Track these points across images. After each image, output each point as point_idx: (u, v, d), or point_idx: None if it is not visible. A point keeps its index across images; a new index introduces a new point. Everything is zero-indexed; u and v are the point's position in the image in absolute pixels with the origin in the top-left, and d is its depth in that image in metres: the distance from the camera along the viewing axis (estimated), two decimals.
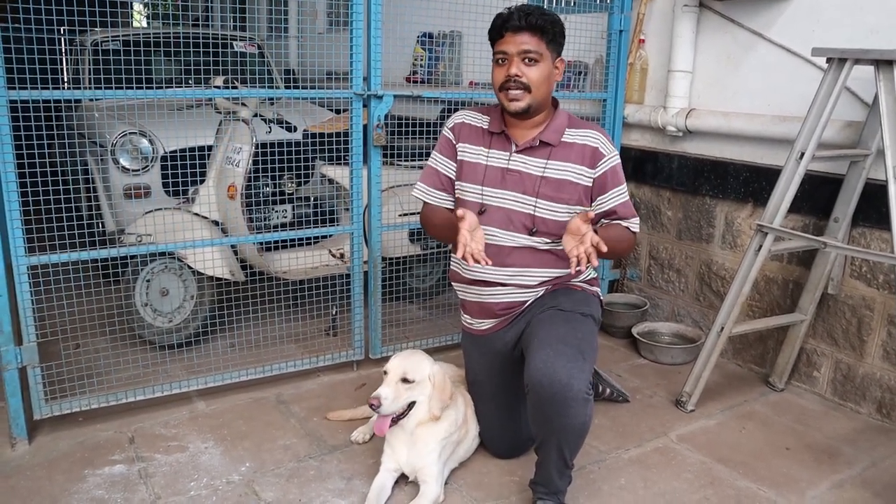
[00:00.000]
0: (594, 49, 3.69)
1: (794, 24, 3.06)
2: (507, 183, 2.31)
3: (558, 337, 2.15)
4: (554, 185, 2.29)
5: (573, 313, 2.28)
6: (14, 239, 2.44)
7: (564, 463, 2.16)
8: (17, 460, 2.50)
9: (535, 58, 2.20)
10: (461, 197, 2.39)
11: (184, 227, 3.08)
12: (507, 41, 2.20)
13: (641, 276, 3.88)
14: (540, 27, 2.18)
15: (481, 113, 2.43)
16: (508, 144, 2.34)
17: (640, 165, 3.76)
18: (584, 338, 2.20)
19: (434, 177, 2.45)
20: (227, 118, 3.37)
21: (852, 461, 2.64)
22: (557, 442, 2.11)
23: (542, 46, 2.20)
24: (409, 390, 2.25)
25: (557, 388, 2.02)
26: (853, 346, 2.99)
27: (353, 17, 2.86)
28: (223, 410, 2.88)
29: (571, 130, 2.32)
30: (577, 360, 2.07)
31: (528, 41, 2.19)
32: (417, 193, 2.47)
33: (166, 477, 2.42)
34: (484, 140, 2.38)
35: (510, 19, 2.19)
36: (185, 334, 3.30)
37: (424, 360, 2.33)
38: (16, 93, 2.36)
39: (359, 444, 2.65)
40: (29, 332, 2.52)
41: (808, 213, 3.05)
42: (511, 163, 2.32)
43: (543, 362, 2.06)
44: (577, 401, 2.03)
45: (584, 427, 2.10)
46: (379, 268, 3.19)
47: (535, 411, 2.11)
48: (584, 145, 2.29)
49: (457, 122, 2.45)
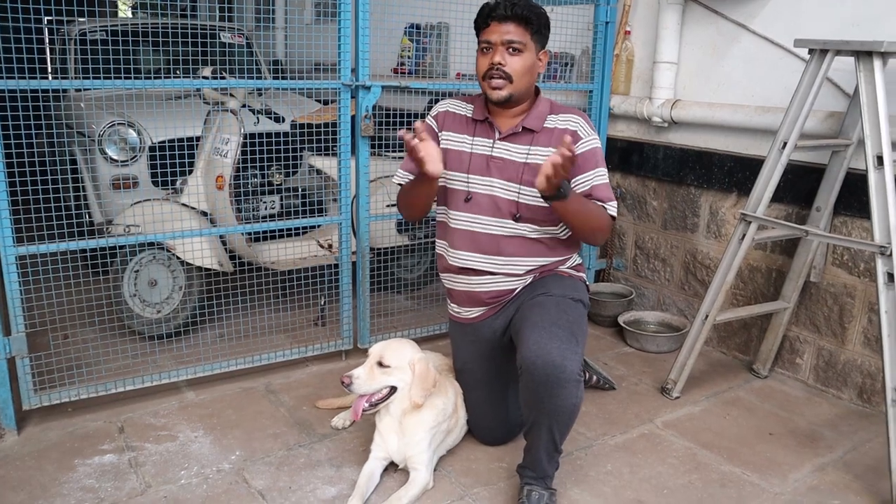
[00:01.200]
0: (581, 40, 3.71)
1: (778, 16, 3.10)
2: (492, 170, 2.33)
3: (551, 320, 2.17)
4: (537, 171, 2.30)
5: (563, 298, 2.30)
6: (2, 229, 2.44)
7: (554, 446, 2.18)
8: (5, 451, 2.50)
9: (519, 47, 2.22)
10: (446, 185, 2.41)
11: (172, 218, 3.08)
12: (492, 30, 2.23)
13: (627, 265, 3.92)
14: (525, 18, 2.21)
15: (465, 101, 2.45)
16: (492, 132, 2.36)
17: (626, 156, 3.80)
18: (575, 321, 2.23)
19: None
20: (214, 109, 3.37)
21: (834, 445, 2.70)
22: (549, 424, 2.13)
23: (527, 37, 2.23)
24: (384, 374, 2.28)
25: (551, 369, 2.04)
26: (835, 333, 3.04)
27: (341, 7, 2.87)
28: (213, 400, 2.90)
29: (553, 116, 2.34)
30: (569, 342, 2.10)
31: (512, 31, 2.21)
32: (397, 179, 2.48)
33: (156, 466, 2.44)
34: (468, 128, 2.40)
35: (496, 8, 2.21)
36: (174, 325, 3.31)
37: (407, 347, 2.35)
38: (3, 83, 2.35)
39: (338, 430, 2.69)
40: (17, 322, 2.52)
41: (790, 202, 3.10)
42: (495, 150, 2.34)
43: (537, 344, 2.09)
44: (570, 382, 2.06)
45: (576, 408, 2.13)
46: (367, 258, 3.21)
47: (528, 393, 2.13)
48: (565, 129, 2.31)
49: (441, 110, 2.47)
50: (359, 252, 3.19)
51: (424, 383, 2.29)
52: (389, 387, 2.30)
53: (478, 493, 2.34)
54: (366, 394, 2.28)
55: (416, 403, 2.28)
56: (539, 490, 2.22)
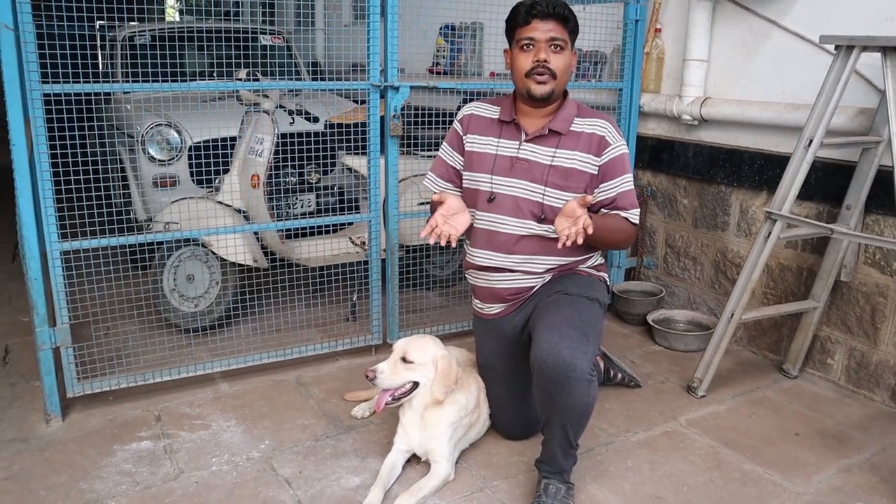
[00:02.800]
0: (612, 39, 3.71)
1: (809, 12, 3.06)
2: (516, 171, 2.37)
3: (563, 319, 2.21)
4: (562, 173, 2.34)
5: (579, 297, 2.33)
6: (48, 226, 2.57)
7: (569, 443, 2.22)
8: (51, 435, 2.64)
9: (562, 45, 2.26)
10: (469, 186, 2.45)
11: (208, 215, 3.19)
12: (534, 27, 2.25)
13: (658, 263, 3.91)
14: (565, 17, 2.25)
15: (492, 104, 2.49)
16: (518, 133, 2.39)
17: (656, 154, 3.79)
18: (588, 321, 2.25)
19: (442, 167, 2.54)
20: (250, 110, 3.48)
21: (862, 447, 2.66)
22: (561, 421, 2.17)
23: (566, 35, 2.27)
24: (408, 370, 2.34)
25: (561, 368, 2.08)
26: (867, 334, 2.99)
27: (370, 10, 2.94)
28: (245, 391, 3.00)
29: (580, 119, 2.36)
30: (580, 341, 2.13)
31: (554, 28, 2.25)
32: (427, 182, 2.56)
33: (190, 453, 2.55)
34: (494, 130, 2.43)
35: (537, 5, 2.24)
36: (211, 318, 3.43)
37: (430, 344, 2.41)
38: (49, 86, 2.48)
39: (357, 419, 2.78)
40: (62, 314, 2.66)
41: (821, 200, 3.06)
42: (521, 151, 2.38)
43: (548, 343, 2.13)
44: (581, 381, 2.09)
45: (587, 407, 2.16)
46: (396, 255, 3.27)
47: (540, 391, 2.18)
48: (592, 134, 2.33)
49: (466, 113, 2.51)
50: (388, 249, 3.26)
51: (446, 380, 2.34)
52: (412, 382, 2.36)
53: (497, 486, 2.39)
54: (389, 388, 2.35)
55: (437, 399, 2.33)
56: (556, 484, 2.25)
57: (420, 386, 2.37)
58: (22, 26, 2.32)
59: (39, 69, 2.43)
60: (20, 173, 2.46)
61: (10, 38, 2.31)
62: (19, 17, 2.31)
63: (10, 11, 2.29)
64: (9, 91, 2.37)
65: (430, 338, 2.46)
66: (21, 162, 2.44)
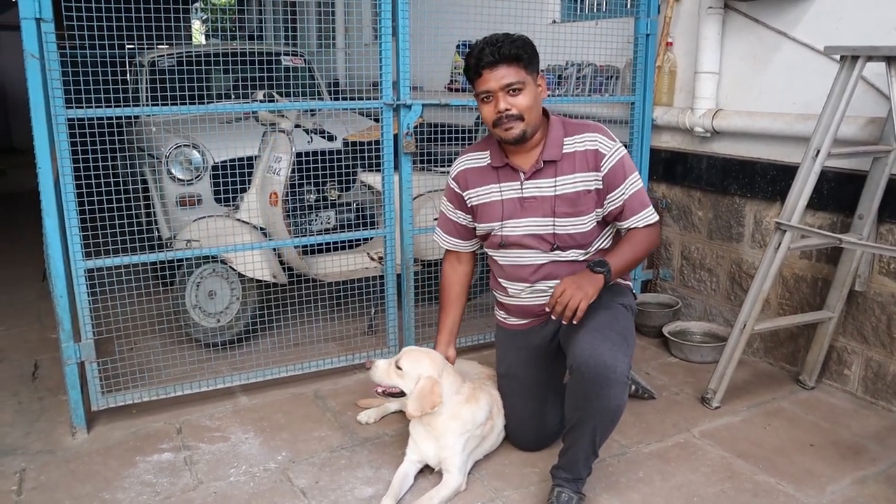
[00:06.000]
0: (624, 53, 3.75)
1: (818, 23, 3.07)
2: (527, 210, 2.40)
3: (603, 324, 2.23)
4: (569, 201, 2.36)
5: (612, 303, 2.36)
6: (73, 245, 2.67)
7: (593, 448, 2.23)
8: (76, 447, 2.73)
9: (519, 87, 2.23)
10: (482, 233, 2.52)
11: (226, 233, 3.28)
12: (486, 79, 2.23)
13: (674, 275, 3.91)
14: (515, 56, 2.21)
15: (478, 150, 2.49)
16: (516, 174, 2.40)
17: (670, 167, 3.80)
18: (625, 326, 2.31)
19: (449, 224, 2.60)
20: (269, 130, 3.57)
21: (878, 458, 2.64)
22: (593, 425, 2.18)
23: (522, 73, 2.23)
24: (397, 376, 2.40)
25: (602, 368, 2.10)
26: (883, 344, 2.97)
27: (382, 30, 3.02)
28: (264, 404, 3.07)
29: (569, 139, 2.36)
30: (621, 344, 2.18)
31: (507, 73, 2.21)
32: (436, 238, 2.65)
33: (209, 464, 2.61)
34: (491, 177, 2.44)
35: (482, 56, 2.21)
36: (231, 333, 3.51)
37: (425, 361, 2.41)
38: (73, 111, 2.58)
39: (371, 432, 2.84)
40: (87, 330, 2.75)
41: (834, 210, 3.05)
42: (525, 191, 2.40)
43: (590, 344, 2.15)
44: (619, 383, 2.12)
45: (619, 410, 2.18)
46: (412, 270, 3.33)
47: (575, 393, 2.18)
48: (585, 151, 2.35)
49: (458, 170, 2.52)
50: (403, 264, 3.32)
51: (422, 401, 2.34)
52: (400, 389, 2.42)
53: (508, 496, 2.42)
54: (379, 383, 2.43)
55: (409, 414, 2.37)
56: (569, 493, 2.26)
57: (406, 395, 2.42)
58: (47, 55, 2.44)
59: (64, 95, 2.53)
60: (46, 195, 2.56)
61: (36, 66, 2.42)
62: (44, 45, 2.42)
63: (35, 40, 2.40)
64: (35, 116, 2.48)
65: (430, 356, 2.46)
66: (47, 184, 2.55)
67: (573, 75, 4.17)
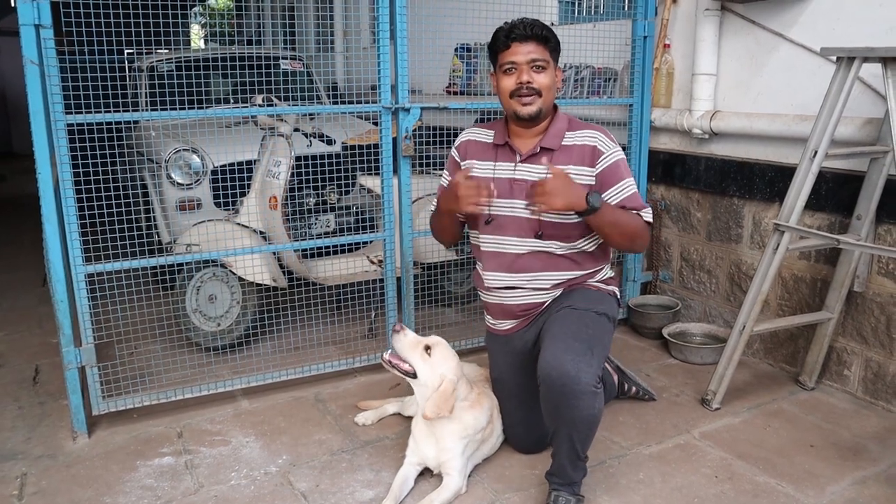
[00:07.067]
0: (622, 55, 3.76)
1: (815, 24, 3.08)
2: (515, 192, 2.42)
3: (569, 333, 2.25)
4: None
5: (587, 311, 2.37)
6: (73, 250, 2.68)
7: (576, 454, 2.24)
8: (77, 452, 2.73)
9: (543, 65, 2.32)
10: None
11: (226, 237, 3.29)
12: (514, 51, 2.32)
13: (673, 277, 3.92)
14: (544, 37, 2.31)
15: (486, 128, 2.55)
16: (513, 155, 2.44)
17: (668, 168, 3.81)
18: (594, 335, 2.29)
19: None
20: (268, 134, 3.58)
21: (878, 458, 2.64)
22: (568, 433, 2.20)
23: (547, 54, 2.33)
24: (420, 358, 2.39)
25: (566, 380, 2.12)
26: (883, 345, 2.98)
27: (380, 34, 3.03)
28: (265, 408, 3.07)
29: (571, 133, 2.41)
30: (585, 354, 2.17)
31: (534, 50, 2.31)
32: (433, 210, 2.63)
33: (210, 468, 2.62)
34: (490, 154, 2.49)
35: (514, 29, 2.30)
36: (231, 337, 3.51)
37: (453, 362, 2.42)
38: (72, 117, 2.59)
39: (371, 434, 2.84)
40: (87, 334, 2.76)
41: (832, 211, 3.06)
42: (517, 172, 2.43)
43: (553, 355, 2.17)
44: (586, 394, 2.13)
45: (594, 419, 2.19)
46: (411, 273, 3.34)
47: (546, 403, 2.22)
48: (584, 145, 2.38)
49: (462, 140, 2.58)
50: (403, 267, 3.32)
51: (442, 403, 2.34)
52: (414, 370, 2.41)
53: (508, 499, 2.42)
54: (397, 354, 2.42)
55: (425, 415, 2.36)
56: (566, 496, 2.28)
57: (417, 385, 2.42)
58: (46, 60, 2.45)
59: (63, 100, 2.54)
60: (46, 200, 2.57)
61: (36, 72, 2.43)
62: (43, 52, 2.43)
63: (34, 47, 2.41)
64: (34, 122, 2.49)
65: (457, 359, 2.47)
66: (47, 189, 2.56)
67: (571, 77, 4.17)
